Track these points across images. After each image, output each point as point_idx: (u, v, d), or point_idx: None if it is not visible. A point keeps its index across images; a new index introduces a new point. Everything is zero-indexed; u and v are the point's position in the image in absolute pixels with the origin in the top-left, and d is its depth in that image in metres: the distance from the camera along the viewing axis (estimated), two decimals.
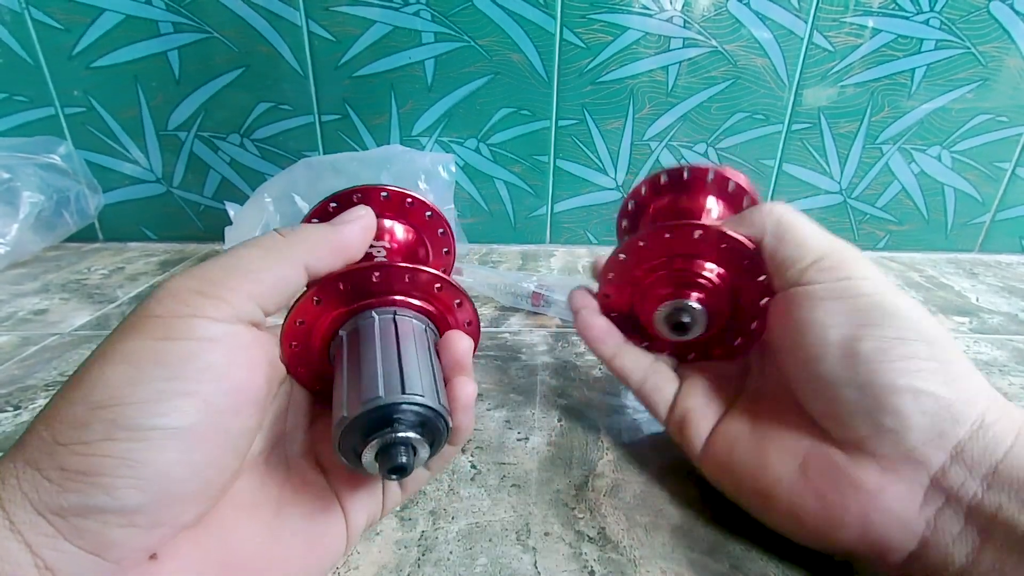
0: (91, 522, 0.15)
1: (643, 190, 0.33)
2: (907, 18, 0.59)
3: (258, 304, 0.19)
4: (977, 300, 0.55)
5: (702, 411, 0.27)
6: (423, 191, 0.27)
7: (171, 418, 0.16)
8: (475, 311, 0.25)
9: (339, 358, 0.22)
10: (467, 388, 0.22)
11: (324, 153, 0.64)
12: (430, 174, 0.56)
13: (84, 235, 0.65)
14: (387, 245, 0.26)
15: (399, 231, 0.27)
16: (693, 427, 0.27)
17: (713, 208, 0.31)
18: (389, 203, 0.26)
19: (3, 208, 0.55)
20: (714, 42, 0.60)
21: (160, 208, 0.66)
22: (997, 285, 0.59)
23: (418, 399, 0.19)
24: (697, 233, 0.26)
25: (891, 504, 0.20)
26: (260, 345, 0.19)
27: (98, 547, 0.15)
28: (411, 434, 0.19)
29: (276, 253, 0.20)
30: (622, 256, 0.28)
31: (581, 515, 0.26)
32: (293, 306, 0.21)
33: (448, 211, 0.58)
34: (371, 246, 0.25)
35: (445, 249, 0.28)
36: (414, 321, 0.23)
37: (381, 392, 0.19)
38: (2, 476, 0.15)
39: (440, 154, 0.63)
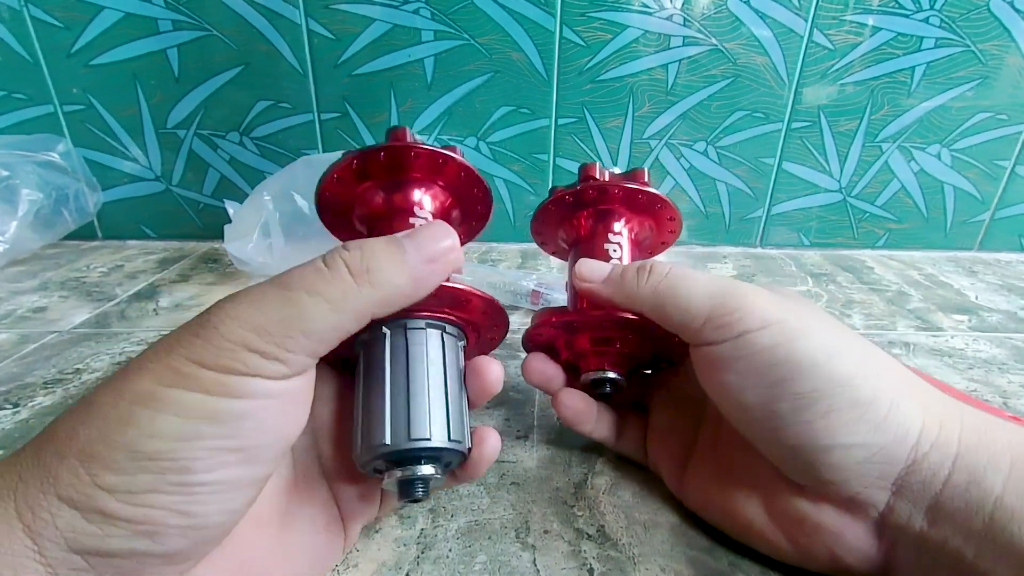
0: (130, 562, 0.15)
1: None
2: (907, 16, 0.59)
3: (315, 359, 0.18)
4: (976, 298, 0.55)
5: (669, 453, 0.27)
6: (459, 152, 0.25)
7: (218, 473, 0.16)
8: (501, 312, 0.24)
9: (357, 372, 0.22)
10: (491, 441, 0.22)
11: (324, 151, 0.64)
12: None
13: (83, 233, 0.64)
14: (427, 217, 0.24)
15: (430, 202, 0.25)
16: (665, 472, 0.27)
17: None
18: (420, 162, 0.24)
19: (2, 206, 0.55)
20: (714, 40, 0.59)
21: (159, 206, 0.66)
22: (996, 283, 0.59)
23: (423, 444, 0.19)
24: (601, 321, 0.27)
25: (852, 542, 0.20)
26: (309, 391, 0.19)
27: None
28: (425, 471, 0.20)
29: (345, 308, 0.17)
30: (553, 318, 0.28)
31: (580, 513, 0.26)
32: None
33: None
34: (414, 218, 0.24)
35: (480, 207, 0.27)
36: (428, 331, 0.22)
37: (387, 439, 0.19)
38: (32, 507, 0.15)
39: None
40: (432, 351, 0.21)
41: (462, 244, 0.26)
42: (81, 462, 0.15)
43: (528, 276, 0.50)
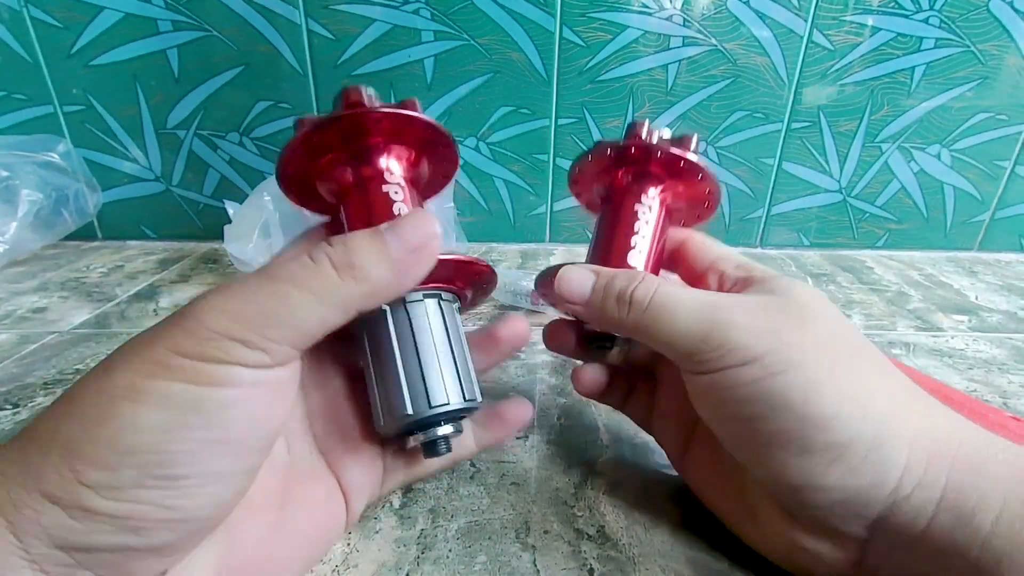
0: (116, 556, 0.15)
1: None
2: (907, 16, 0.59)
3: (298, 350, 0.18)
4: (976, 298, 0.55)
5: (673, 431, 0.27)
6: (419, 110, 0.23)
7: (205, 466, 0.16)
8: (490, 269, 0.25)
9: (363, 349, 0.23)
10: (523, 411, 0.26)
11: None
12: None
13: (83, 233, 0.64)
14: (398, 183, 0.23)
15: (399, 167, 0.24)
16: (667, 448, 0.28)
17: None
18: (386, 126, 0.23)
19: (2, 206, 0.55)
20: (714, 41, 0.59)
21: (159, 206, 0.66)
22: (996, 283, 0.59)
23: (443, 409, 0.21)
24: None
25: (831, 564, 0.20)
26: (294, 382, 0.19)
27: (115, 574, 0.16)
28: (448, 430, 0.22)
29: (330, 302, 0.18)
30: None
31: (580, 513, 0.26)
32: None
33: (448, 210, 0.58)
34: (386, 185, 0.23)
35: (447, 163, 0.26)
36: (426, 301, 0.23)
37: (409, 410, 0.21)
38: (16, 504, 0.14)
39: None
40: (434, 320, 0.22)
41: (432, 194, 0.27)
42: (64, 459, 0.15)
43: (528, 276, 0.50)
